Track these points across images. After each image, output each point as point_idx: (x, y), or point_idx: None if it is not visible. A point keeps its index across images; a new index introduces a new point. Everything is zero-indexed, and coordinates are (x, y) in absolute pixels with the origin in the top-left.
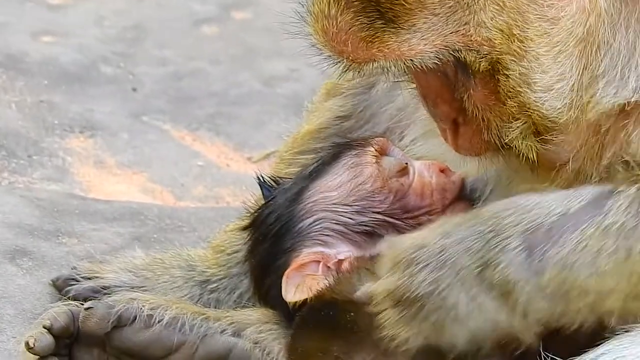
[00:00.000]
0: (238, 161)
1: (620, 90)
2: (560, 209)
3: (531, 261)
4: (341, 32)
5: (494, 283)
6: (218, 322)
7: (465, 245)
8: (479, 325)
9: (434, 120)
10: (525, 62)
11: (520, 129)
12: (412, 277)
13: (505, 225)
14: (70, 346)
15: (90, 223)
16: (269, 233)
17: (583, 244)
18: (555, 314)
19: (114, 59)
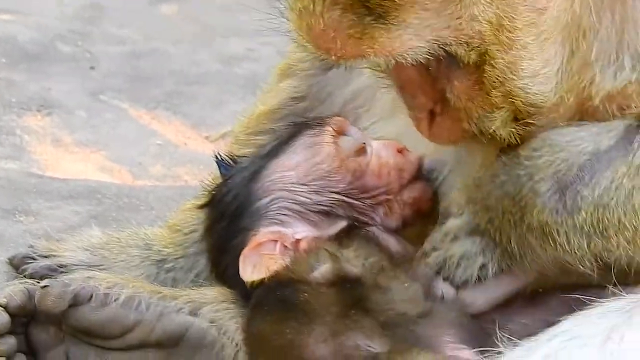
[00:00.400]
0: (196, 140)
1: (619, 73)
2: (591, 147)
3: (564, 202)
4: (328, 29)
5: (534, 226)
6: (174, 301)
7: (505, 189)
8: (533, 259)
9: (410, 110)
10: (513, 51)
11: (502, 117)
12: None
13: (539, 166)
14: (26, 325)
15: (47, 201)
16: (226, 212)
17: (616, 182)
18: (597, 249)
19: (71, 38)
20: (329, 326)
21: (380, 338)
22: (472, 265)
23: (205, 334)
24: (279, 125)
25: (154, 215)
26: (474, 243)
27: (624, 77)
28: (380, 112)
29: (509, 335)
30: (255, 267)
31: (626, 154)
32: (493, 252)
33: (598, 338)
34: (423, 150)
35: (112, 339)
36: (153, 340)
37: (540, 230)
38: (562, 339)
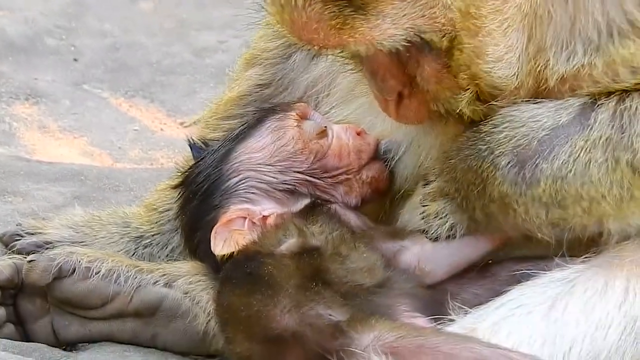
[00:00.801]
0: (171, 126)
1: (572, 57)
2: (550, 122)
3: (523, 175)
4: (311, 21)
5: (495, 197)
6: (151, 274)
7: (468, 163)
8: (496, 226)
9: (379, 94)
10: (479, 37)
11: (467, 98)
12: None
13: (499, 141)
14: (14, 296)
15: (34, 183)
16: (198, 191)
17: (574, 156)
18: (554, 218)
19: (57, 32)
20: (292, 298)
21: (341, 307)
22: (444, 223)
23: (179, 304)
24: (245, 110)
25: (132, 196)
26: (446, 204)
27: (577, 62)
28: (339, 97)
29: (461, 304)
30: (226, 242)
31: (583, 129)
32: (459, 215)
33: (543, 306)
34: (379, 132)
35: (93, 309)
36: (131, 310)
37: (500, 201)
38: (510, 307)
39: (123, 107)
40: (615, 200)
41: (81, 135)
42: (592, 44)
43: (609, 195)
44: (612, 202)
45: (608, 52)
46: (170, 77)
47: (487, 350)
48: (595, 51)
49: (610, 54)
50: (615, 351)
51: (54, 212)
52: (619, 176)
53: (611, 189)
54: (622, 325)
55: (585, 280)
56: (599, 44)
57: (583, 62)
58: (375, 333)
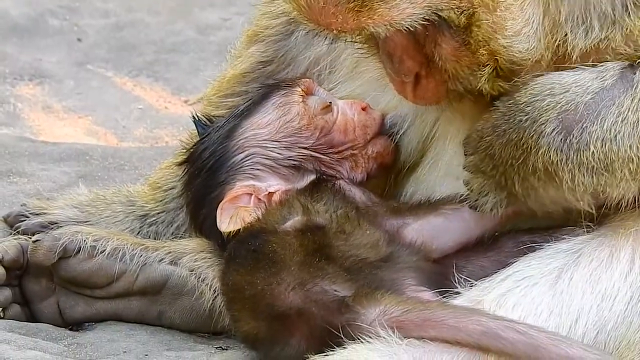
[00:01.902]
0: (175, 104)
1: (590, 32)
2: (596, 84)
3: (570, 141)
4: (328, 5)
5: (538, 167)
6: (156, 252)
7: (507, 137)
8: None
9: (395, 76)
10: (497, 12)
11: (487, 74)
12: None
13: (542, 109)
14: (20, 277)
15: (39, 163)
16: (203, 168)
17: (622, 116)
18: (599, 184)
19: (60, 12)
20: (296, 275)
21: (345, 282)
22: (488, 199)
23: (185, 282)
24: (248, 88)
25: (137, 174)
26: (485, 181)
27: (595, 36)
28: (342, 73)
29: (467, 277)
30: (232, 218)
31: (628, 88)
32: (499, 192)
33: (548, 278)
34: (383, 107)
35: (99, 288)
36: (137, 289)
37: (544, 171)
38: (515, 279)
39: (127, 86)
40: None
41: (86, 114)
42: (607, 18)
43: None
44: None
45: (625, 25)
46: (174, 56)
47: (493, 323)
48: (612, 25)
49: (628, 26)
50: (622, 321)
51: (59, 192)
52: None
53: None
54: (628, 295)
55: (590, 251)
56: (615, 18)
57: (601, 36)
58: (381, 307)
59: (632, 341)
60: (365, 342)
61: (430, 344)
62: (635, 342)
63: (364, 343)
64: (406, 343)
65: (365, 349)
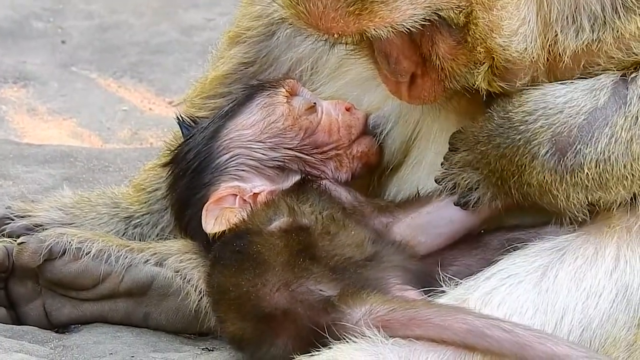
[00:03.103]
0: (160, 105)
1: (580, 33)
2: (589, 104)
3: (564, 162)
4: (328, 10)
5: (533, 184)
6: (141, 253)
7: (501, 151)
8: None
9: (391, 77)
10: (494, 10)
11: (484, 72)
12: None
13: (535, 130)
14: (6, 280)
15: (24, 166)
16: (188, 169)
17: (615, 136)
18: (595, 199)
19: (44, 14)
20: (280, 275)
21: (330, 282)
22: (484, 194)
23: (171, 283)
24: (231, 89)
25: (122, 176)
26: (478, 177)
27: (586, 37)
28: (325, 74)
29: (452, 275)
30: (217, 219)
31: (620, 107)
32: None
33: (533, 275)
34: (367, 107)
35: (85, 290)
36: (122, 290)
37: (539, 187)
38: (500, 277)
39: (112, 88)
40: None
41: (70, 116)
42: (597, 19)
43: None
44: None
45: (616, 27)
46: (158, 57)
47: (478, 321)
48: (602, 26)
49: (618, 29)
50: (607, 319)
51: (43, 195)
52: None
53: None
54: (613, 292)
55: (575, 248)
56: (605, 19)
57: (592, 37)
58: (366, 307)
59: (618, 338)
60: (351, 342)
61: (416, 343)
62: (620, 339)
63: (350, 343)
64: (392, 342)
65: (351, 348)
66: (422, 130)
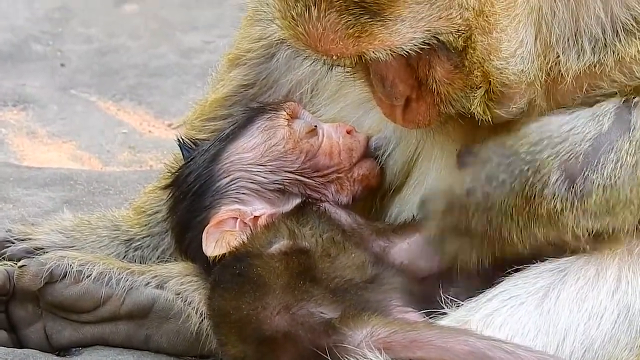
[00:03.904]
0: (159, 128)
1: (582, 55)
2: (593, 131)
3: (574, 189)
4: (327, 32)
5: (541, 215)
6: (142, 275)
7: (507, 187)
8: (532, 246)
9: (385, 100)
10: (493, 34)
11: (480, 97)
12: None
13: (543, 159)
14: (6, 303)
15: (24, 189)
16: (189, 192)
17: (621, 161)
18: (602, 226)
19: (43, 38)
20: (281, 298)
21: (331, 304)
22: (469, 260)
23: (171, 306)
24: (231, 111)
25: (122, 199)
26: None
27: (587, 59)
28: (325, 96)
29: (453, 297)
30: (217, 242)
31: (624, 132)
32: (486, 248)
33: (535, 296)
34: (367, 129)
35: (86, 313)
36: (123, 313)
37: (547, 219)
38: (502, 298)
39: (111, 111)
40: None
41: (70, 139)
42: (598, 42)
43: None
44: None
45: (617, 50)
46: (157, 79)
47: (480, 342)
48: (603, 49)
49: (619, 52)
50: (609, 340)
51: (44, 218)
52: None
53: None
54: (614, 313)
55: (576, 269)
56: (606, 42)
57: (593, 60)
58: (368, 329)
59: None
60: None
61: None
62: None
63: None
64: None
65: None
66: (423, 152)
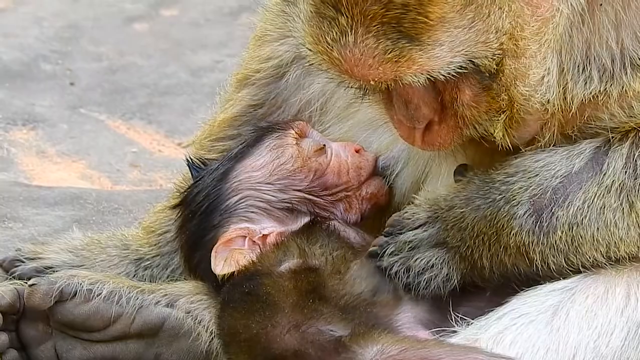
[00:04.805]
0: (169, 147)
1: (589, 82)
2: (563, 170)
3: (541, 224)
4: (365, 57)
5: (509, 246)
6: (152, 294)
7: (480, 213)
8: (502, 273)
9: (406, 122)
10: (523, 59)
11: (502, 121)
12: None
13: (515, 191)
14: (17, 322)
15: (34, 208)
16: (197, 210)
17: (588, 202)
18: (572, 264)
19: (52, 57)
20: (290, 317)
21: (341, 322)
22: (437, 275)
23: (182, 324)
24: (240, 130)
25: (132, 218)
26: (439, 254)
27: (594, 87)
28: (334, 115)
29: (463, 315)
30: (226, 261)
31: (596, 174)
32: (457, 264)
33: (545, 315)
34: (376, 148)
35: (96, 332)
36: (134, 332)
37: (516, 250)
38: (512, 316)
39: (121, 130)
40: (635, 241)
41: (79, 158)
42: (606, 71)
43: (627, 237)
44: (632, 244)
45: (622, 83)
46: (167, 98)
47: None
48: (610, 79)
49: (624, 85)
50: (619, 357)
51: (53, 237)
52: (635, 219)
53: (629, 231)
54: (624, 331)
55: (585, 287)
56: (613, 72)
57: (599, 88)
58: (378, 347)
59: None
60: None
61: None
62: None
63: None
64: None
65: None
66: (432, 171)
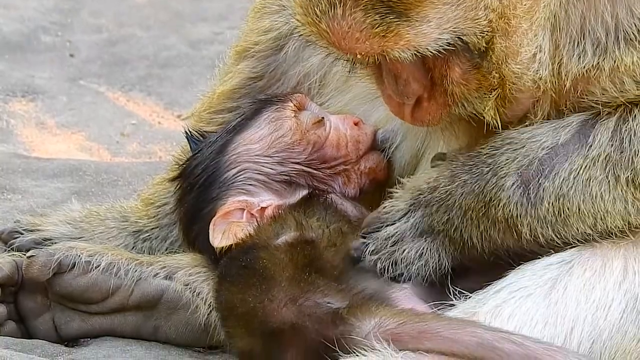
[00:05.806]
0: (168, 119)
1: (583, 57)
2: (550, 141)
3: (528, 195)
4: (352, 30)
5: (498, 219)
6: (151, 266)
7: (468, 187)
8: (492, 251)
9: (396, 98)
10: (513, 37)
11: (493, 99)
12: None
13: (502, 163)
14: (15, 294)
15: (32, 180)
16: (196, 183)
17: (574, 174)
18: (558, 237)
19: (52, 28)
20: (287, 290)
21: (337, 294)
22: (427, 262)
23: (180, 297)
24: (239, 103)
25: (131, 190)
26: (427, 242)
27: (587, 62)
28: (333, 88)
29: (461, 289)
30: (224, 234)
31: (582, 147)
32: (447, 248)
33: (542, 288)
34: (375, 121)
35: (94, 304)
36: (132, 304)
37: (504, 224)
38: (509, 290)
39: (120, 102)
40: (621, 214)
41: (79, 130)
42: (600, 45)
43: (613, 209)
44: (618, 216)
45: (614, 57)
46: (166, 70)
47: (488, 334)
48: (603, 52)
49: (616, 60)
50: (617, 330)
51: (52, 209)
52: (621, 192)
53: (614, 203)
54: (622, 304)
55: (583, 261)
56: (607, 46)
57: (592, 62)
58: (376, 320)
59: (628, 350)
60: (360, 355)
61: (426, 356)
62: (630, 351)
63: (359, 356)
64: (402, 355)
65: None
66: (431, 144)
